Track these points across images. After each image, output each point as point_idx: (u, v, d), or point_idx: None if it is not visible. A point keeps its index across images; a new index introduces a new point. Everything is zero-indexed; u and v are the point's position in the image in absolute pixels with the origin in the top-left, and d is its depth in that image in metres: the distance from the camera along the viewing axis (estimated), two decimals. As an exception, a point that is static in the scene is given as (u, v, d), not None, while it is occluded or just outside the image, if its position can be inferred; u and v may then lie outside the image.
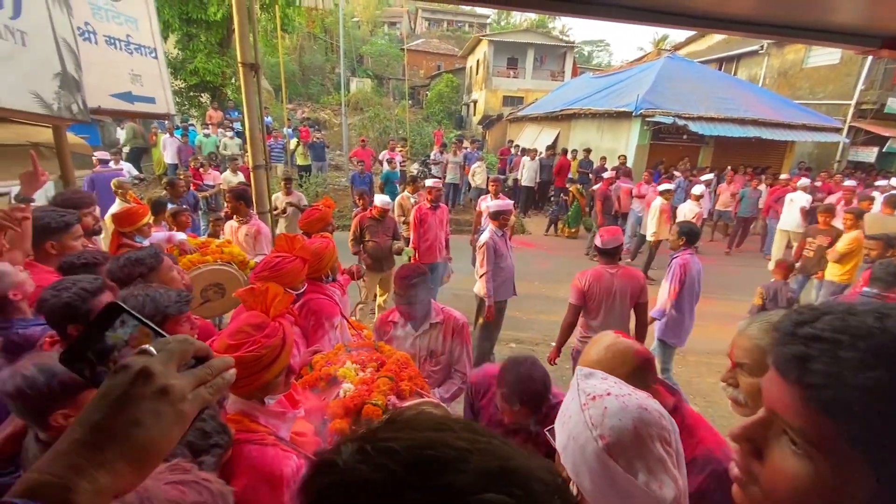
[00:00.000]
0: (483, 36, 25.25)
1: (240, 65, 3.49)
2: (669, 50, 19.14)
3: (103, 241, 3.42)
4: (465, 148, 12.13)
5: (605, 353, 1.26)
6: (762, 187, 9.52)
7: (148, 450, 0.41)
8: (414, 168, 14.78)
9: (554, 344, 3.44)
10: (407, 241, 5.51)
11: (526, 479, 0.35)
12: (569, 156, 12.13)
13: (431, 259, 5.25)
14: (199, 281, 2.85)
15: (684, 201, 7.41)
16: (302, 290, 2.26)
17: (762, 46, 15.90)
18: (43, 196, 3.34)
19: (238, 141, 11.51)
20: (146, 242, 3.10)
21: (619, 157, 10.91)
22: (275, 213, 5.63)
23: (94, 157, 5.49)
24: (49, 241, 2.17)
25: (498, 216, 4.18)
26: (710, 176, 9.50)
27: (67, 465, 0.38)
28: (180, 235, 3.34)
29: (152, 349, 0.46)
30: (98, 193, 4.33)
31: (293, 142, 12.71)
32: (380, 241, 5.01)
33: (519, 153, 12.77)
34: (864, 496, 0.46)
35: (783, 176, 9.80)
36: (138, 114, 4.06)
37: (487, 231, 4.20)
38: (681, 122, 10.85)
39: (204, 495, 0.75)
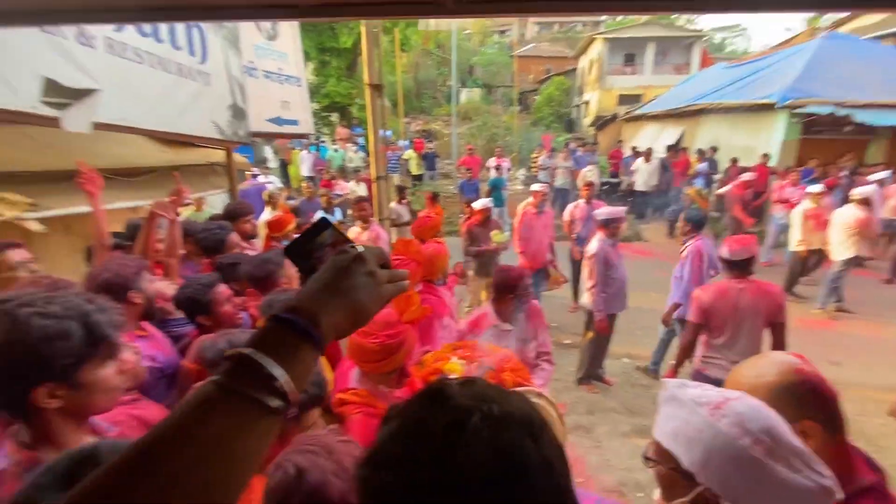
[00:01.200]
0: (597, 34, 24.17)
1: (366, 86, 3.89)
2: (826, 28, 16.24)
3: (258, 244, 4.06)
4: (576, 151, 11.74)
5: (759, 360, 1.14)
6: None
7: (359, 310, 0.53)
8: (519, 174, 14.76)
9: (673, 362, 3.18)
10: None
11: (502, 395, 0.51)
12: (692, 155, 11.01)
13: (536, 265, 5.20)
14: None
15: (842, 205, 6.16)
16: (417, 291, 2.44)
17: (966, 10, 12.65)
18: (220, 203, 4.07)
19: (361, 154, 12.67)
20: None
21: (761, 157, 9.57)
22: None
23: (248, 173, 6.54)
24: (215, 258, 2.61)
25: (608, 224, 3.99)
26: (884, 174, 7.75)
27: (314, 301, 0.51)
28: None
29: (359, 247, 0.59)
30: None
31: (408, 153, 13.57)
32: (485, 247, 5.11)
33: (633, 155, 11.97)
34: None
35: None
36: (285, 135, 4.75)
37: (596, 240, 4.03)
38: (842, 112, 9.12)
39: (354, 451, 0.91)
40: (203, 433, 0.38)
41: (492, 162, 11.45)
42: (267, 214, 5.28)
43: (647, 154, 10.88)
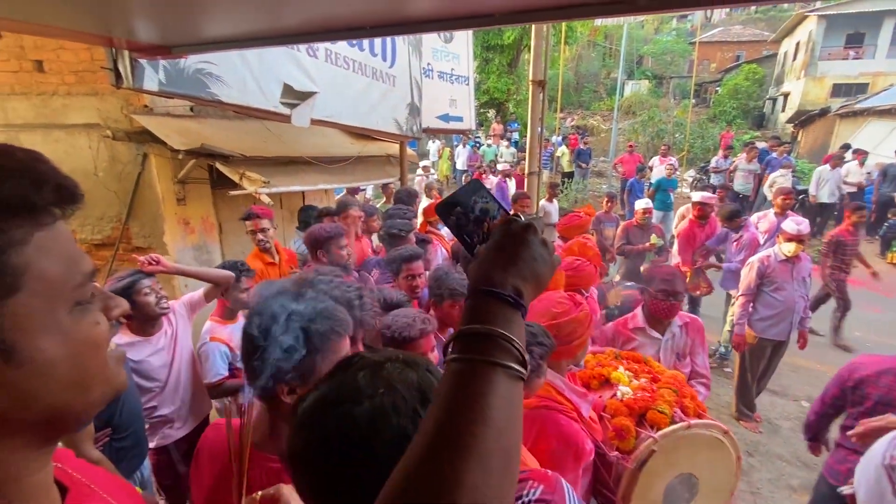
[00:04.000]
0: (811, 11, 19.87)
1: (530, 82, 3.96)
2: None
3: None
4: (768, 153, 9.92)
5: None
6: None
7: (539, 279, 0.52)
8: (688, 176, 13.17)
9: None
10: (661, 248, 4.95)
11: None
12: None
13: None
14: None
15: None
16: (587, 294, 2.44)
17: None
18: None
19: (513, 150, 12.81)
20: (443, 230, 3.97)
21: None
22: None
23: (422, 164, 7.22)
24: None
25: (795, 241, 3.42)
26: None
27: (507, 272, 0.49)
28: None
29: (521, 217, 0.57)
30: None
31: (560, 149, 13.26)
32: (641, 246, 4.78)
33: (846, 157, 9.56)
34: None
35: None
36: (450, 130, 5.13)
37: (767, 249, 3.62)
38: None
39: None
40: (493, 404, 0.39)
41: (655, 161, 10.46)
42: (424, 202, 5.81)
43: (860, 156, 8.53)
